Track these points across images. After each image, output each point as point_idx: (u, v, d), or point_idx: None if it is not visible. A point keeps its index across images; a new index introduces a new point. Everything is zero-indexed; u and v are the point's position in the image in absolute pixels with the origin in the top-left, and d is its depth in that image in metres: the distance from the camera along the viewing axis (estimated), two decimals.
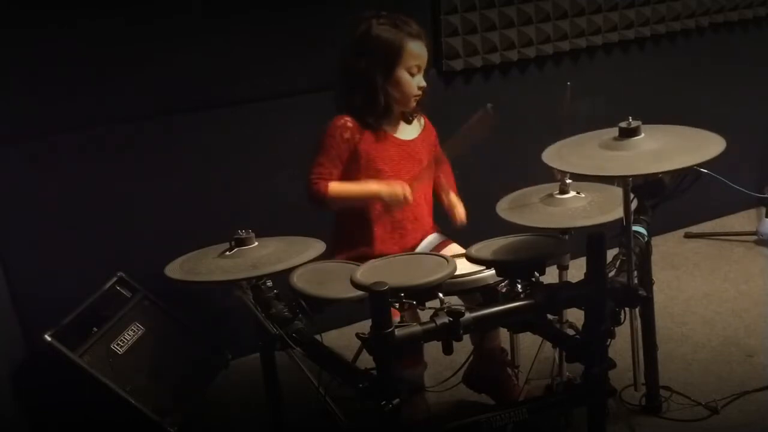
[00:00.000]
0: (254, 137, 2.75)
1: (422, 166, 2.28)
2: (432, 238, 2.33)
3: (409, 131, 2.29)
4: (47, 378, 2.29)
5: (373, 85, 2.15)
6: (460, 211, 2.34)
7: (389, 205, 2.17)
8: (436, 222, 2.40)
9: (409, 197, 2.15)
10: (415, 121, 2.32)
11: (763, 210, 3.56)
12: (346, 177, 2.20)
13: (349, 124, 2.17)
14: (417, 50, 2.16)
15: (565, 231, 1.96)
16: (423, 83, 2.20)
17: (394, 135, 2.25)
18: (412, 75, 2.17)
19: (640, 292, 1.82)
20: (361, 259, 2.10)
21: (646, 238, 2.07)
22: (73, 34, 2.41)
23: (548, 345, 2.09)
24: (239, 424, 2.51)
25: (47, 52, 2.39)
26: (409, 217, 2.27)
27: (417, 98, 2.22)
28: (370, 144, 2.19)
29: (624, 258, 1.88)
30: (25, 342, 2.49)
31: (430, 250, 2.27)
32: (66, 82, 2.44)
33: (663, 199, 2.12)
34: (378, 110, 2.17)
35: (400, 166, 2.23)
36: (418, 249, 2.29)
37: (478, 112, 2.03)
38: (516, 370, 2.40)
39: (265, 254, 1.95)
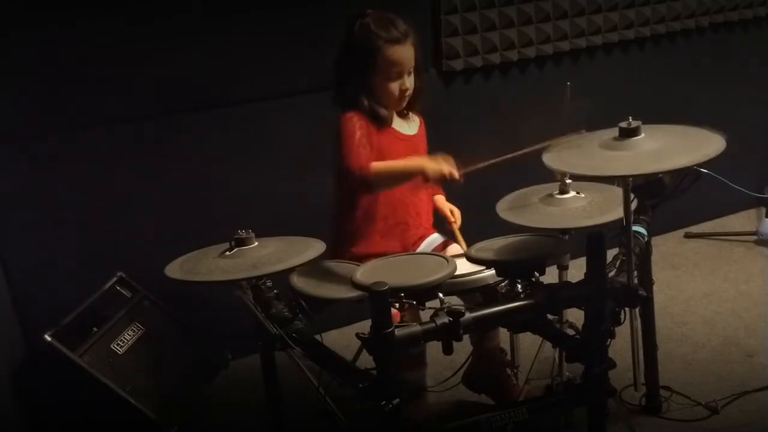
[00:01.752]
0: (254, 137, 2.75)
1: None
2: (432, 239, 2.33)
3: (406, 127, 2.29)
4: (47, 378, 2.29)
5: (359, 89, 2.14)
6: (457, 214, 2.33)
7: (432, 179, 2.01)
8: (436, 224, 2.39)
9: (456, 174, 1.98)
10: (411, 119, 2.32)
11: (763, 210, 3.56)
12: None
13: (359, 117, 2.16)
14: (395, 56, 2.11)
15: (565, 231, 1.96)
16: (407, 85, 2.17)
17: (395, 129, 2.24)
18: (392, 80, 2.14)
19: (640, 292, 1.82)
20: (363, 256, 2.10)
21: (646, 238, 2.07)
22: (73, 34, 2.41)
23: (548, 345, 2.09)
24: (239, 424, 2.51)
25: (47, 52, 2.39)
26: (410, 213, 2.27)
27: (403, 100, 2.20)
28: (378, 137, 2.17)
29: (624, 258, 1.88)
30: (25, 342, 2.49)
31: (431, 251, 2.27)
32: (66, 82, 2.44)
33: (663, 199, 2.12)
34: (365, 112, 2.16)
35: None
36: (420, 249, 2.30)
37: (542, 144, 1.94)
38: (516, 370, 2.40)
39: (265, 254, 1.95)
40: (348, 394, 1.72)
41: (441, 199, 2.38)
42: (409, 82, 2.18)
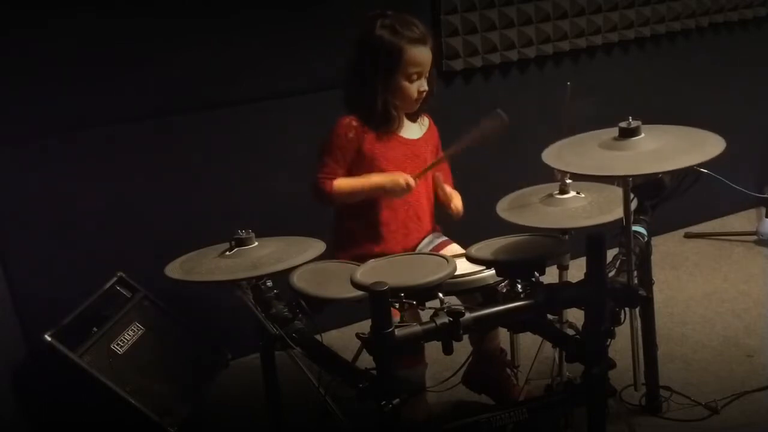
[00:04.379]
0: (254, 137, 2.75)
1: (426, 165, 2.29)
2: (432, 238, 2.33)
3: (413, 130, 2.29)
4: (47, 378, 2.29)
5: (373, 90, 2.14)
6: (456, 202, 2.32)
7: (392, 195, 2.16)
8: (437, 222, 2.39)
9: (412, 184, 2.14)
10: (420, 121, 2.32)
11: (763, 210, 3.56)
12: (350, 176, 2.20)
13: (354, 124, 2.17)
14: (418, 57, 2.13)
15: (565, 231, 1.96)
16: (424, 87, 2.18)
17: (399, 134, 2.24)
18: (412, 81, 2.15)
19: (640, 292, 1.82)
20: (364, 258, 2.10)
21: (646, 238, 2.07)
22: (74, 34, 2.41)
23: (548, 345, 2.09)
24: (239, 424, 2.51)
25: (47, 52, 2.39)
26: (412, 217, 2.27)
27: (419, 101, 2.21)
28: (374, 144, 2.19)
29: (624, 258, 1.88)
30: (25, 342, 2.49)
31: (430, 250, 2.27)
32: (66, 82, 2.44)
33: (663, 199, 2.12)
34: (377, 114, 2.17)
35: (404, 166, 2.23)
36: (418, 249, 2.29)
37: (490, 116, 2.02)
38: (516, 370, 2.40)
39: (265, 254, 1.95)
40: (348, 394, 1.72)
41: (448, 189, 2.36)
42: (425, 84, 2.19)
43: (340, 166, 2.18)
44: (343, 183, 2.18)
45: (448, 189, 2.34)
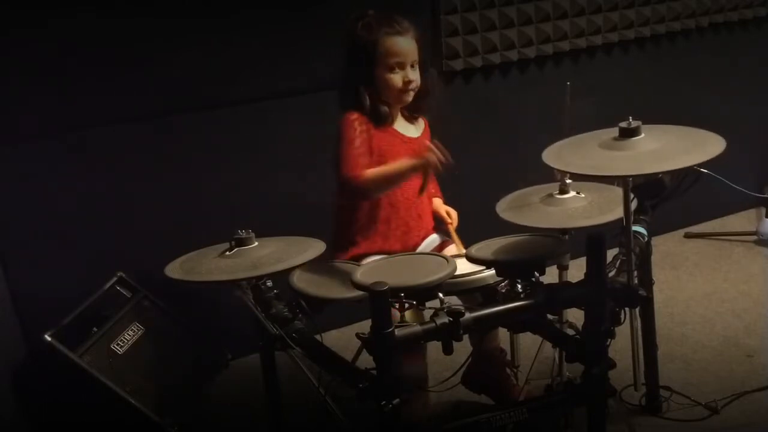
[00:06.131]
0: (254, 137, 2.75)
1: None
2: (432, 239, 2.33)
3: (412, 131, 2.29)
4: (47, 378, 2.29)
5: (358, 87, 2.14)
6: (453, 215, 2.33)
7: (427, 171, 2.02)
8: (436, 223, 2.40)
9: (441, 156, 1.97)
10: (417, 124, 2.31)
11: (763, 210, 3.57)
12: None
13: (360, 117, 2.16)
14: (394, 47, 2.11)
15: (565, 231, 1.96)
16: (410, 77, 2.14)
17: (400, 132, 2.24)
18: (393, 72, 2.13)
19: (640, 292, 1.82)
20: (365, 257, 2.10)
21: (646, 238, 2.07)
22: (73, 34, 2.41)
23: (548, 345, 2.09)
24: (239, 424, 2.51)
25: (47, 52, 2.39)
26: (412, 215, 2.27)
27: (407, 93, 2.17)
28: (380, 139, 2.16)
29: (624, 258, 1.89)
30: (25, 342, 2.49)
31: (430, 250, 2.27)
32: (66, 82, 2.44)
33: (663, 199, 2.12)
34: (367, 110, 2.15)
35: None
36: (419, 249, 2.30)
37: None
38: (516, 370, 2.40)
39: (265, 254, 1.96)
40: (348, 394, 1.72)
41: (438, 202, 2.38)
42: (414, 74, 2.16)
43: (362, 154, 2.10)
44: (374, 171, 2.07)
45: (441, 203, 2.36)
